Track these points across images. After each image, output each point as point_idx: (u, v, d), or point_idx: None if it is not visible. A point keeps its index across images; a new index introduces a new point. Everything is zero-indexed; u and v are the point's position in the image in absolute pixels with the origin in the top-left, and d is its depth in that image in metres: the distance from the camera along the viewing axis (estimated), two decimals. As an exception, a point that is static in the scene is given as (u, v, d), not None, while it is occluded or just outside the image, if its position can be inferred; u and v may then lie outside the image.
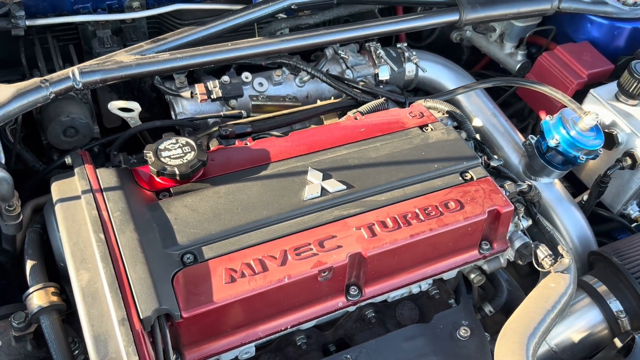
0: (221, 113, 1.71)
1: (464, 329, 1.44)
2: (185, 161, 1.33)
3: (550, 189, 1.87)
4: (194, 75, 1.89)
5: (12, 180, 1.35)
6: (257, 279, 1.19)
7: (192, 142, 1.37)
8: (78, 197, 1.26)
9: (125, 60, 1.46)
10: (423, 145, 1.50)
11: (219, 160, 1.42)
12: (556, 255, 1.47)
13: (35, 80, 1.37)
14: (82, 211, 1.23)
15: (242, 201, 1.31)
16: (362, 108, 1.69)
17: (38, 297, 1.19)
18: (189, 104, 1.76)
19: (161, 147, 1.35)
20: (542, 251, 1.46)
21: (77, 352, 1.24)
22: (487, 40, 2.29)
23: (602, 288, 1.63)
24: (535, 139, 1.82)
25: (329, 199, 1.35)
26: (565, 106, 1.76)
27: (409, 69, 2.03)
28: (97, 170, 1.33)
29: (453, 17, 1.84)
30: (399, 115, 1.62)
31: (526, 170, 1.88)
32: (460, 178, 1.45)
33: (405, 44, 2.06)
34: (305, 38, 1.65)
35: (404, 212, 1.35)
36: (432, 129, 1.58)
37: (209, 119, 1.73)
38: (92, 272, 1.13)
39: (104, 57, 1.48)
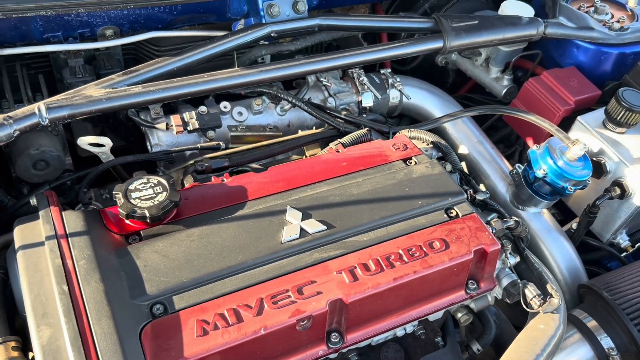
0: (198, 145, 1.64)
1: (451, 373, 1.38)
2: (156, 202, 1.26)
3: (538, 218, 1.82)
4: (171, 104, 1.82)
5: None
6: (231, 331, 1.12)
7: (164, 182, 1.31)
8: (42, 244, 1.18)
9: (95, 94, 1.40)
10: (407, 181, 1.45)
11: (193, 199, 1.36)
12: (545, 294, 1.42)
13: (-2, 117, 1.31)
14: (45, 259, 1.16)
15: (217, 245, 1.25)
16: (345, 139, 1.63)
17: (-3, 353, 1.11)
18: (164, 135, 1.70)
19: (131, 187, 1.29)
20: (531, 291, 1.40)
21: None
22: (472, 64, 2.25)
23: (592, 323, 1.58)
24: (523, 168, 1.78)
25: (309, 241, 1.28)
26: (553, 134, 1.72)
27: (393, 95, 1.98)
28: (63, 212, 1.26)
29: (437, 45, 1.80)
30: (382, 148, 1.57)
31: (513, 199, 1.83)
32: (445, 215, 1.40)
33: (389, 70, 2.02)
34: (285, 68, 1.60)
35: (386, 254, 1.29)
36: (415, 163, 1.52)
37: (185, 152, 1.67)
38: (54, 328, 1.06)
39: (72, 91, 1.42)
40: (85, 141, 1.47)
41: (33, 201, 1.31)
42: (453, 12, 2.21)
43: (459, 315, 1.49)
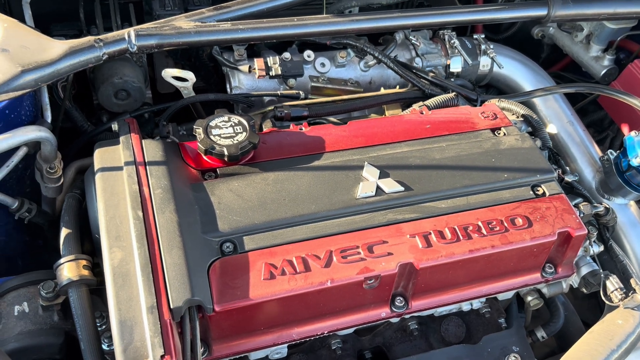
0: (278, 92, 1.61)
1: (514, 356, 1.32)
2: (235, 142, 1.24)
3: (624, 210, 1.71)
4: (254, 48, 1.79)
5: (56, 141, 1.30)
6: (298, 279, 1.10)
7: (245, 122, 1.28)
8: (120, 168, 1.19)
9: (184, 26, 1.37)
10: (494, 151, 1.37)
11: (270, 143, 1.33)
12: (627, 288, 1.32)
13: (90, 38, 1.30)
14: (122, 184, 1.16)
15: (291, 192, 1.22)
16: (430, 102, 1.56)
17: (69, 269, 1.13)
18: (245, 78, 1.67)
19: (212, 124, 1.27)
20: (613, 283, 1.31)
21: (103, 327, 1.18)
22: (571, 40, 2.10)
23: (671, 328, 1.48)
24: (615, 154, 1.66)
25: (384, 200, 1.24)
26: (655, 123, 1.59)
27: (484, 62, 1.88)
28: (143, 140, 1.26)
29: (540, 12, 1.67)
30: (470, 115, 1.48)
31: (600, 187, 1.71)
32: (532, 192, 1.31)
33: (483, 36, 1.91)
34: (376, 20, 1.52)
35: (464, 224, 1.22)
36: (505, 134, 1.44)
37: (264, 97, 1.64)
38: (126, 252, 1.06)
39: (162, 20, 1.40)
40: (169, 73, 1.46)
41: (114, 126, 1.32)
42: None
43: (529, 298, 1.42)
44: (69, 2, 1.69)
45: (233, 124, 1.27)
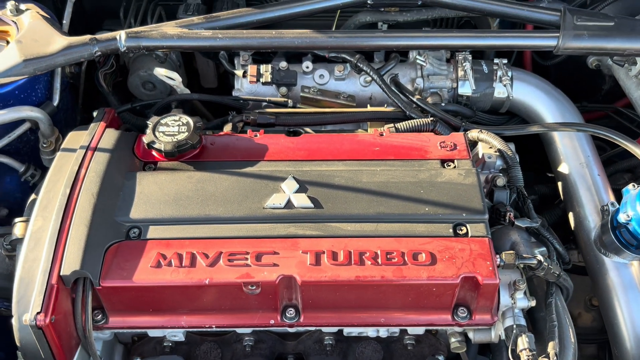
0: (267, 98, 1.70)
1: (408, 395, 1.29)
2: (174, 140, 1.37)
3: (622, 270, 1.53)
4: (270, 55, 1.90)
5: (50, 120, 1.54)
6: (181, 272, 1.20)
7: (192, 123, 1.40)
8: (75, 151, 1.38)
9: (169, 32, 1.53)
10: (427, 183, 1.33)
11: (217, 145, 1.44)
12: (542, 352, 1.22)
13: (87, 37, 1.52)
14: (69, 164, 1.35)
15: (207, 192, 1.32)
16: (401, 124, 1.55)
17: (19, 228, 1.35)
18: (246, 83, 1.79)
19: (163, 121, 1.41)
20: (524, 342, 1.21)
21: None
22: (626, 73, 1.88)
23: (627, 409, 1.32)
24: (617, 207, 1.49)
25: (291, 213, 1.28)
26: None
27: (499, 89, 1.78)
28: (106, 129, 1.45)
29: (548, 42, 1.55)
30: (427, 142, 1.45)
31: (597, 240, 1.55)
32: (452, 230, 1.26)
33: (505, 61, 1.80)
34: (355, 38, 1.55)
35: (362, 250, 1.23)
36: (455, 167, 1.38)
37: (262, 102, 1.74)
38: (46, 221, 1.25)
39: (153, 25, 1.58)
40: (159, 72, 1.64)
41: (95, 113, 1.52)
42: (616, 9, 1.85)
43: (452, 340, 1.36)
44: (114, 1, 1.94)
45: (180, 124, 1.41)
